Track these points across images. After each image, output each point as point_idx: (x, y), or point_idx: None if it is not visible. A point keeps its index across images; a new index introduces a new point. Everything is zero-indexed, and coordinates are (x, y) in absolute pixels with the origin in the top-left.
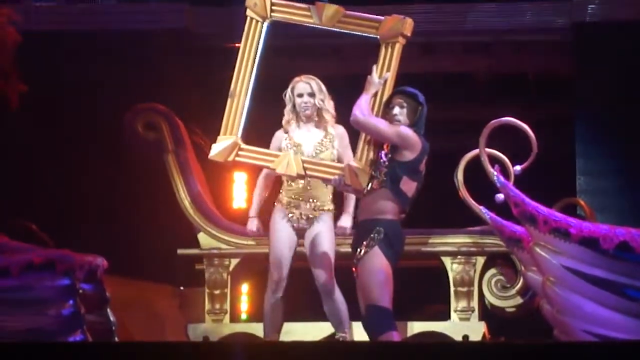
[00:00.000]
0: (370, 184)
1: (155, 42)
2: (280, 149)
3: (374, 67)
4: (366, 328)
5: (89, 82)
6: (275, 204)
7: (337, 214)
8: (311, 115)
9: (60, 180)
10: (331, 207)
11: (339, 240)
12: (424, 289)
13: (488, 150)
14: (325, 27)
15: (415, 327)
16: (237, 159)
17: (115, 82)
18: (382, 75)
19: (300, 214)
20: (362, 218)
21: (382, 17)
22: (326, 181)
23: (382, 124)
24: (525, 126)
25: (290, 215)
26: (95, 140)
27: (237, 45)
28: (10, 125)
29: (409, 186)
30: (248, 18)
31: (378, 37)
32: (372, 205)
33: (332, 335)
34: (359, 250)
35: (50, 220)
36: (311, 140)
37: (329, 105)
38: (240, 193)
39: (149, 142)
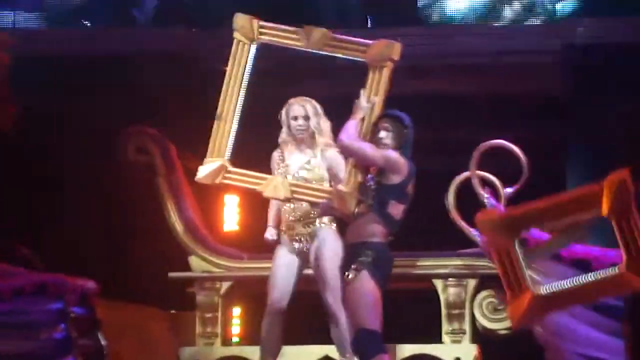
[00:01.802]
0: (357, 208)
1: (147, 65)
2: (276, 168)
3: (362, 91)
4: (356, 352)
5: (80, 106)
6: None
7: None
8: (305, 138)
9: (52, 204)
10: (329, 219)
11: None
12: (415, 311)
13: (479, 172)
14: (312, 50)
15: (407, 350)
16: (225, 181)
17: (107, 105)
18: (370, 100)
19: (297, 235)
20: (350, 241)
21: (369, 42)
22: (314, 205)
23: (368, 148)
24: (516, 148)
25: (287, 237)
26: (86, 163)
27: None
28: (2, 148)
29: (396, 209)
30: (235, 40)
31: (366, 60)
32: (360, 228)
33: (324, 359)
34: (347, 274)
35: (40, 243)
36: (299, 161)
37: (325, 126)
38: (231, 216)
39: (140, 166)
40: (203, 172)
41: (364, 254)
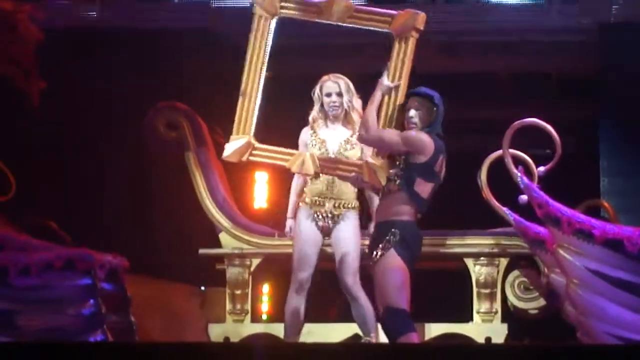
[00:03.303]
0: (386, 187)
1: (178, 41)
2: (307, 146)
3: (385, 69)
4: (385, 330)
5: (111, 80)
6: (300, 203)
7: (362, 212)
8: (339, 115)
9: (82, 179)
10: (356, 204)
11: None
12: (446, 290)
13: (512, 151)
14: (336, 23)
15: (438, 329)
16: (252, 158)
17: (137, 80)
18: (395, 79)
19: (325, 212)
20: (378, 220)
21: (394, 12)
22: (344, 179)
23: (387, 136)
24: (550, 127)
25: (314, 214)
26: (116, 139)
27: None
28: (32, 123)
29: (424, 188)
30: (256, 15)
31: (391, 32)
32: (388, 207)
33: (353, 337)
34: (375, 252)
35: (70, 218)
36: (337, 138)
37: (357, 104)
38: (261, 193)
39: (171, 141)
40: (229, 149)
41: (391, 233)
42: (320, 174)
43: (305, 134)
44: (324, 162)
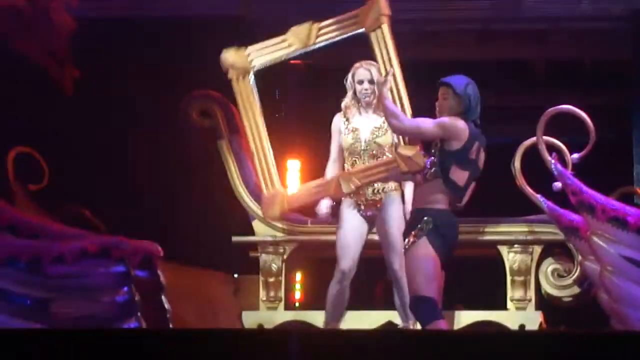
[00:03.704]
0: (421, 175)
1: (212, 29)
2: (340, 132)
3: (372, 68)
4: (415, 318)
5: (145, 69)
6: None
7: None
8: (371, 102)
9: (116, 167)
10: (396, 186)
11: None
12: (480, 278)
13: (546, 138)
14: (310, 49)
15: (472, 316)
16: (290, 207)
17: (171, 69)
18: (388, 72)
19: (366, 199)
20: (414, 207)
21: (356, 10)
22: (384, 180)
23: (421, 124)
24: (584, 114)
25: (356, 202)
26: (151, 127)
27: None
28: (65, 112)
29: (459, 175)
30: (233, 79)
31: (363, 29)
32: (423, 195)
33: (386, 325)
34: (407, 239)
35: (105, 206)
36: (369, 125)
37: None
38: (293, 180)
39: (204, 129)
40: (267, 209)
41: (425, 221)
42: (354, 165)
43: (338, 122)
44: (357, 175)
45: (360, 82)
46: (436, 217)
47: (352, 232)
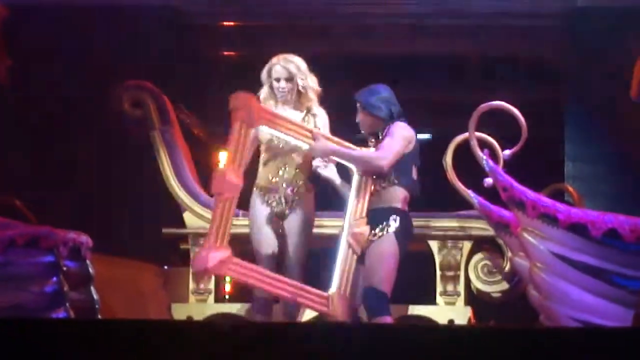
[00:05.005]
0: (382, 183)
1: (144, 19)
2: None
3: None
4: (365, 308)
5: (76, 57)
6: (254, 188)
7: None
8: (287, 100)
9: (47, 157)
10: (309, 187)
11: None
12: (409, 272)
13: (477, 134)
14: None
15: (401, 311)
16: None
17: (103, 58)
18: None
19: (279, 197)
20: (377, 206)
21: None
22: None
23: (395, 149)
24: (516, 110)
25: (268, 199)
26: (79, 116)
27: (225, 23)
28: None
29: (414, 172)
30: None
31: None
32: (385, 196)
33: (319, 317)
34: (373, 232)
35: (33, 196)
36: None
37: (312, 81)
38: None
39: (135, 119)
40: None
41: (393, 219)
42: (270, 161)
43: None
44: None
45: (277, 79)
46: (403, 217)
47: (264, 229)
